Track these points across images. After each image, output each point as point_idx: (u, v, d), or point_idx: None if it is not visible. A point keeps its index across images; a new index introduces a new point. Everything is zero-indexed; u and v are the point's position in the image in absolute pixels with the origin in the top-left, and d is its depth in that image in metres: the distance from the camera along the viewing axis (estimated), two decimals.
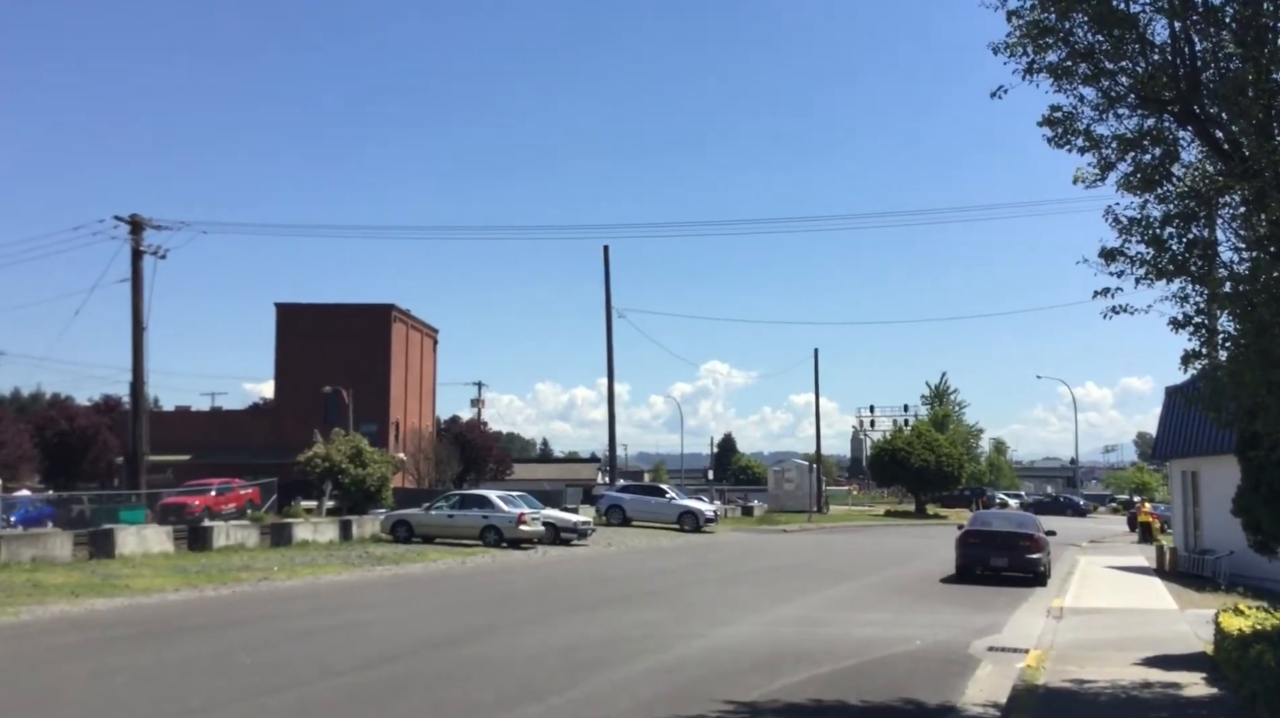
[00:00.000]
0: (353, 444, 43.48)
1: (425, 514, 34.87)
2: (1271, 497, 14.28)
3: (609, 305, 56.50)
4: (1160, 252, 10.13)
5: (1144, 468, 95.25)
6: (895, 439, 72.96)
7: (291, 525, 32.37)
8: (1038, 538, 25.95)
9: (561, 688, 11.30)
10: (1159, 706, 10.72)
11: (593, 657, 13.38)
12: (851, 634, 16.01)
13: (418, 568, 26.50)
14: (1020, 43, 10.39)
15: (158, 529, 29.12)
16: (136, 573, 22.43)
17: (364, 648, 13.78)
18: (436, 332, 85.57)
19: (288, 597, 20.06)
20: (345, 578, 23.71)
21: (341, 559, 27.36)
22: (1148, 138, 10.41)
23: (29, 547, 23.84)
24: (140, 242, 41.29)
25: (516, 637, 15.14)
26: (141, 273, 41.29)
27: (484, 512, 33.96)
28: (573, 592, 22.04)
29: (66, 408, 65.85)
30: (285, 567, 24.85)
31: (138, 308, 41.30)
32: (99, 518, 37.42)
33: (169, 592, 19.94)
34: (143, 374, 41.87)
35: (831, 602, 20.76)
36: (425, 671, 12.28)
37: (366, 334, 71.91)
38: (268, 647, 13.81)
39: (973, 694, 11.68)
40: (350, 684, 11.37)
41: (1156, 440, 33.46)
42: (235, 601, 19.31)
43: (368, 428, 59.47)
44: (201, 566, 24.49)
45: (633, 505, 47.52)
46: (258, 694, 10.71)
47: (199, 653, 13.39)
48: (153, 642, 14.33)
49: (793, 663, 13.20)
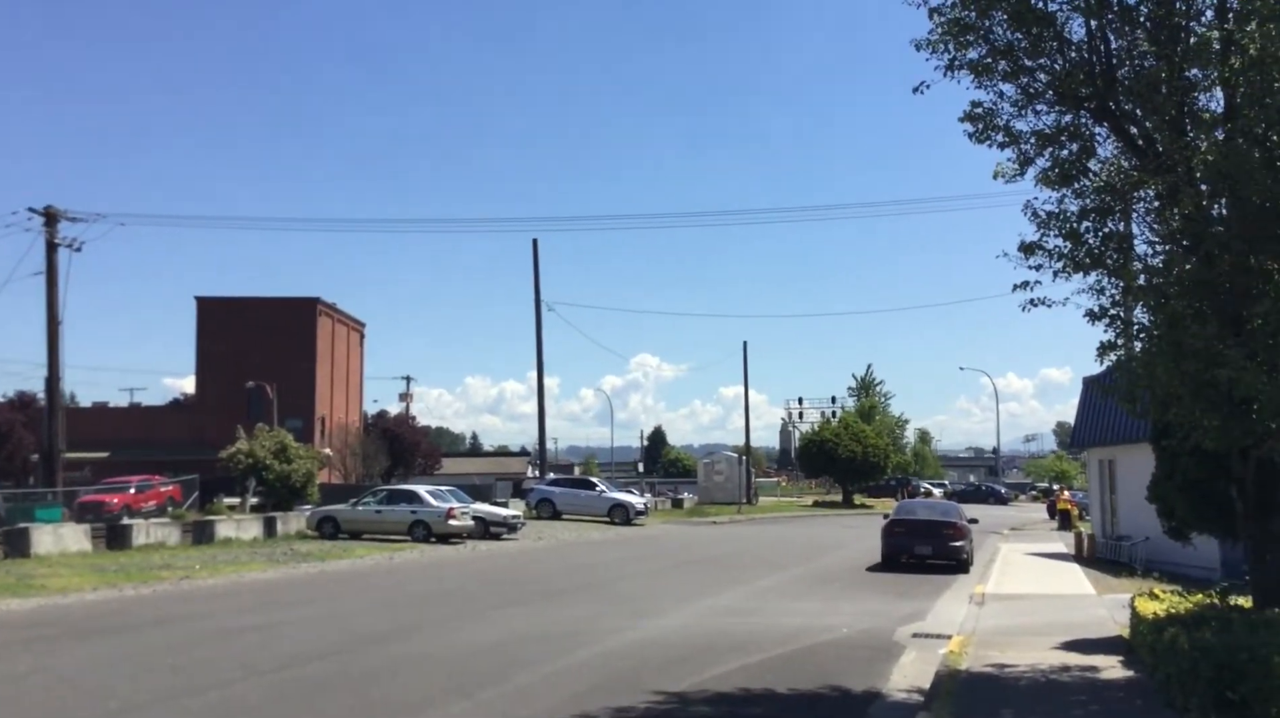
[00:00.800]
0: (277, 440, 42.78)
1: (352, 510, 34.48)
2: (1185, 484, 14.69)
3: (538, 299, 56.31)
4: (1077, 245, 10.36)
5: (1063, 457, 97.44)
6: (823, 431, 73.72)
7: (214, 523, 31.79)
8: (960, 526, 26.44)
9: (491, 684, 11.26)
10: (1077, 689, 10.98)
11: (523, 652, 13.34)
12: (780, 624, 16.17)
13: (344, 565, 26.19)
14: (942, 40, 10.57)
15: (75, 528, 28.42)
16: (53, 573, 21.86)
17: (289, 647, 13.59)
18: (363, 325, 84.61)
19: (210, 595, 19.70)
20: (269, 576, 23.35)
21: (266, 557, 26.94)
22: (1065, 134, 10.65)
23: None
24: (55, 234, 40.17)
25: (446, 633, 15.04)
26: (56, 266, 40.18)
27: (412, 507, 33.65)
28: (503, 587, 21.95)
29: None
30: (207, 565, 24.40)
31: (52, 302, 40.19)
32: (13, 517, 36.34)
33: (87, 591, 19.47)
34: (58, 369, 40.77)
35: (761, 592, 20.94)
36: (352, 669, 12.14)
37: (291, 328, 70.83)
38: (189, 647, 13.55)
39: (897, 680, 11.87)
40: (275, 683, 11.21)
41: (1074, 430, 34.24)
42: (156, 600, 18.92)
43: (293, 423, 58.53)
44: (120, 565, 23.95)
45: (563, 499, 47.41)
46: (179, 695, 10.51)
47: (118, 654, 13.10)
48: (70, 643, 13.99)
49: (723, 653, 13.30)
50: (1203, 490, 14.22)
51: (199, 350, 72.12)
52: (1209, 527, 14.98)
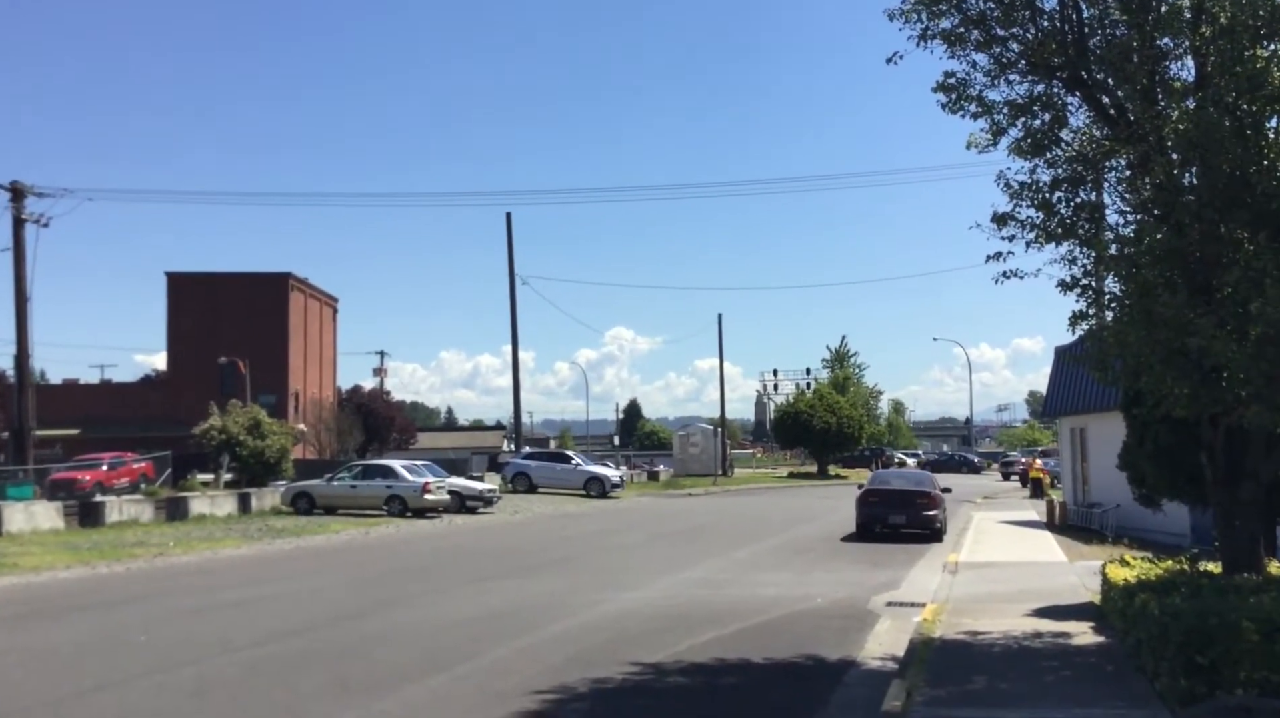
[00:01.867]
0: (251, 416, 42.58)
1: (327, 485, 34.39)
2: (1155, 452, 14.82)
3: (512, 272, 56.08)
4: (1049, 215, 10.40)
5: (1035, 425, 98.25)
6: (798, 402, 73.97)
7: (188, 499, 31.64)
8: (934, 496, 26.63)
9: (468, 657, 11.27)
10: (1049, 654, 11.10)
11: (499, 626, 13.36)
12: (756, 594, 16.26)
13: (319, 540, 26.12)
14: (915, 9, 10.54)
15: (47, 506, 28.22)
16: (25, 551, 21.71)
17: (264, 623, 13.56)
18: (336, 300, 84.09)
19: (184, 572, 19.62)
20: (244, 552, 23.27)
21: (240, 533, 26.84)
22: (1037, 103, 10.66)
23: None
24: (21, 209, 39.62)
25: (422, 608, 15.04)
26: (24, 242, 39.66)
27: (388, 482, 33.60)
28: (479, 561, 21.96)
29: None
30: (181, 542, 24.29)
31: (20, 278, 39.71)
32: None
33: (60, 569, 19.35)
34: (27, 346, 40.33)
35: (736, 563, 21.04)
36: (328, 645, 12.13)
37: (263, 303, 70.31)
38: (164, 624, 13.50)
39: (872, 648, 11.97)
40: (250, 659, 11.18)
41: (1046, 398, 34.50)
42: (130, 577, 18.82)
43: (266, 399, 58.28)
44: (94, 542, 23.80)
45: (539, 473, 47.45)
46: (154, 672, 10.47)
47: (93, 632, 13.03)
48: (44, 621, 13.92)
49: (698, 624, 13.36)
50: (1173, 458, 14.34)
51: (170, 326, 71.50)
52: (1179, 494, 15.13)
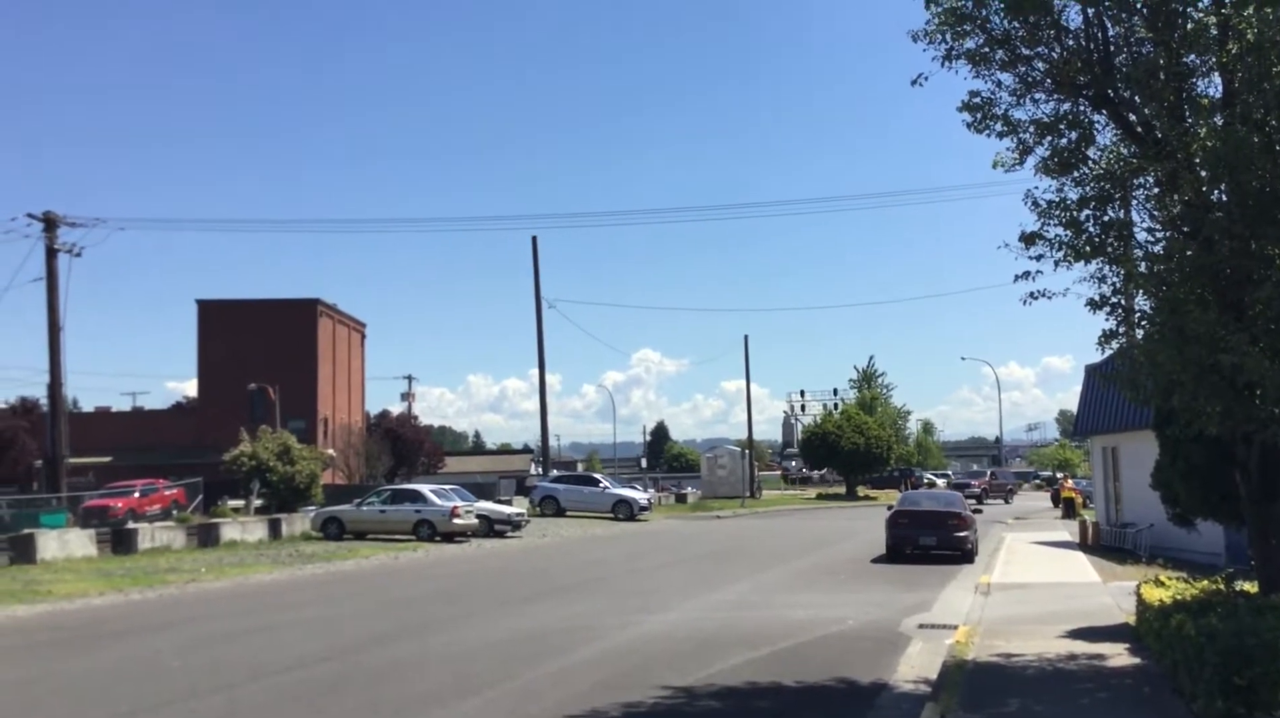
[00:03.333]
0: (280, 442, 42.80)
1: (356, 510, 34.51)
2: (1188, 471, 14.69)
3: (538, 296, 56.33)
4: (1078, 233, 10.36)
5: (1066, 445, 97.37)
6: (825, 423, 73.72)
7: (219, 525, 31.83)
8: (965, 516, 26.44)
9: (499, 681, 11.26)
10: (1084, 677, 10.98)
11: (530, 649, 13.35)
12: (786, 617, 16.18)
13: (350, 565, 26.21)
14: (939, 30, 10.56)
15: (80, 533, 28.44)
16: (59, 578, 21.89)
17: (296, 648, 13.60)
18: (364, 326, 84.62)
19: (216, 598, 19.73)
20: (275, 577, 23.38)
21: (271, 558, 26.97)
22: (1064, 122, 10.63)
23: None
24: (54, 239, 40.19)
25: (452, 632, 15.05)
26: (56, 271, 40.20)
27: (416, 506, 33.68)
28: (508, 585, 21.97)
29: None
30: (213, 568, 24.43)
31: (53, 307, 40.21)
32: (18, 523, 36.33)
33: (93, 596, 19.50)
34: (60, 375, 40.81)
35: (766, 586, 20.95)
36: (359, 669, 12.16)
37: (292, 329, 70.82)
38: (196, 649, 13.57)
39: (904, 672, 11.88)
40: (282, 685, 11.22)
41: (1077, 418, 34.21)
42: (162, 604, 18.94)
43: (295, 425, 58.52)
44: (126, 569, 23.98)
45: (566, 496, 47.44)
46: (186, 698, 10.52)
47: (126, 658, 13.12)
48: (78, 648, 14.02)
49: (728, 647, 13.30)
50: (1206, 476, 14.21)
51: (201, 353, 72.16)
52: (1213, 513, 14.98)
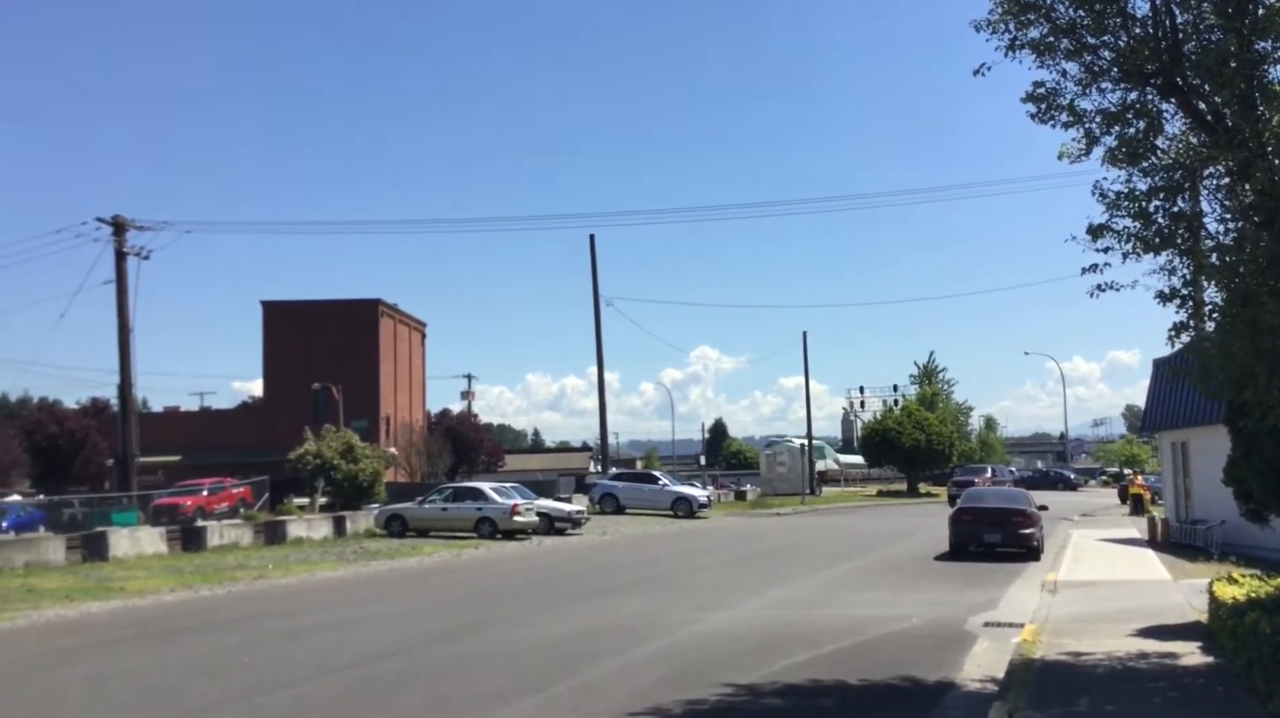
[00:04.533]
0: (344, 440, 43.37)
1: (419, 508, 34.89)
2: (1262, 465, 14.33)
3: (596, 294, 56.51)
4: (1147, 225, 10.15)
5: (1133, 440, 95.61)
6: (886, 419, 73.11)
7: (285, 523, 32.32)
8: (1030, 513, 26.07)
9: (561, 678, 11.31)
10: (1156, 676, 10.78)
11: (592, 646, 13.39)
12: (848, 615, 16.07)
13: (413, 562, 26.49)
14: (1002, 19, 10.39)
15: (150, 531, 29.04)
16: (131, 575, 22.37)
17: (361, 645, 13.77)
18: (425, 325, 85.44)
19: (283, 595, 20.04)
20: (340, 574, 23.69)
21: (336, 556, 27.34)
22: (1131, 111, 10.41)
23: (22, 552, 23.76)
24: (123, 243, 41.04)
25: (514, 629, 15.15)
26: (126, 274, 41.04)
27: (477, 504, 33.96)
28: (569, 582, 22.06)
29: (55, 412, 65.64)
30: (280, 565, 24.81)
31: (123, 309, 41.07)
32: (91, 521, 37.27)
33: (164, 593, 19.89)
34: (130, 376, 41.67)
35: (827, 583, 20.82)
36: (423, 666, 12.28)
37: (354, 330, 71.74)
38: (264, 646, 13.79)
39: (970, 670, 11.74)
40: (347, 681, 11.36)
41: (1145, 413, 33.56)
42: (231, 600, 19.28)
43: (358, 423, 59.23)
44: (196, 566, 24.44)
45: (626, 493, 47.54)
46: (254, 694, 10.69)
47: (195, 654, 13.37)
48: (149, 644, 14.30)
49: (791, 645, 13.24)
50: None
51: (266, 354, 73.35)
52: None
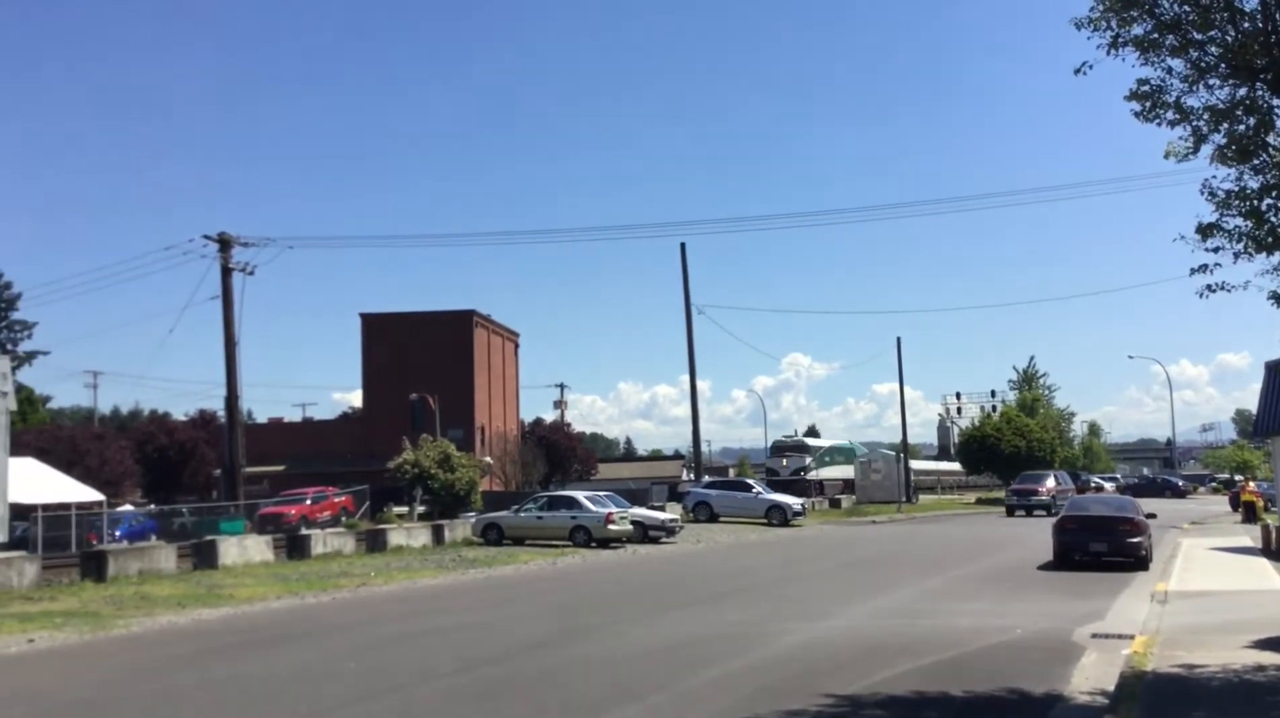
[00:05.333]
0: (440, 450, 44.10)
1: (514, 517, 35.24)
2: None
3: (688, 302, 56.57)
4: (1259, 224, 9.85)
5: (1244, 446, 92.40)
6: (984, 426, 71.82)
7: (386, 531, 32.93)
8: (1138, 521, 25.35)
9: (660, 687, 11.33)
10: (1274, 689, 10.41)
11: (690, 655, 13.39)
12: (951, 625, 15.82)
13: (510, 570, 26.78)
14: (1104, 16, 10.18)
15: (258, 539, 29.81)
16: (239, 582, 23.00)
17: (463, 650, 13.97)
18: (517, 335, 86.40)
19: (386, 601, 20.41)
20: (440, 581, 24.06)
21: (436, 563, 27.76)
22: (1240, 108, 10.11)
23: (136, 560, 24.59)
24: (229, 259, 42.34)
25: (612, 637, 15.22)
26: (231, 290, 42.34)
27: (572, 512, 34.20)
28: (665, 590, 22.09)
29: (165, 424, 67.78)
30: (382, 572, 25.28)
31: (229, 324, 42.33)
32: (200, 530, 38.53)
33: (271, 600, 20.41)
34: (237, 388, 42.91)
35: (928, 593, 20.51)
36: (524, 672, 12.41)
37: (449, 340, 72.89)
38: (369, 652, 14.06)
39: (1079, 683, 11.46)
40: (451, 687, 11.54)
41: (1257, 417, 32.39)
42: (336, 607, 19.70)
43: (454, 433, 60.16)
44: (301, 573, 25.03)
45: (719, 501, 47.41)
46: (362, 699, 10.92)
47: (304, 659, 13.70)
48: (259, 649, 14.69)
49: (893, 655, 13.08)
50: None
51: (365, 365, 74.91)
52: None
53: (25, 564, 22.23)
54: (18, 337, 76.49)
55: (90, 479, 44.85)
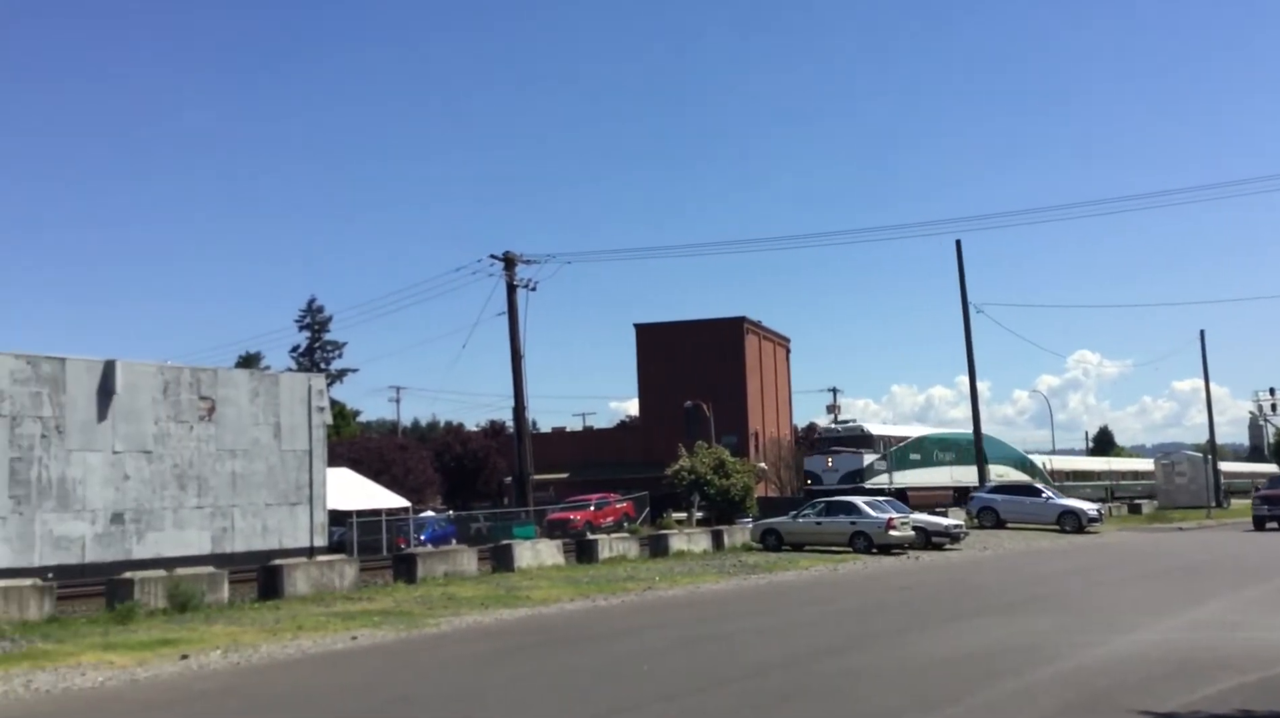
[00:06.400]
0: (715, 456, 44.72)
1: (793, 522, 35.21)
2: None
3: (965, 300, 54.70)
4: None
5: None
6: None
7: (667, 537, 33.65)
8: None
9: (955, 698, 11.00)
10: None
11: (984, 666, 12.94)
12: (1276, 639, 14.53)
13: (791, 576, 26.76)
14: None
15: (549, 543, 31.13)
16: (534, 584, 24.10)
17: (751, 656, 14.08)
18: (788, 340, 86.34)
19: (672, 605, 20.86)
20: (722, 587, 24.34)
21: (717, 568, 28.10)
22: None
23: (442, 563, 26.24)
24: (513, 276, 44.60)
25: (899, 646, 14.92)
26: (516, 305, 44.57)
27: (851, 518, 33.80)
28: (953, 598, 21.44)
29: (460, 434, 72.16)
30: (666, 576, 25.84)
31: (515, 338, 44.57)
32: (495, 534, 40.77)
33: (565, 602, 21.28)
34: (523, 399, 45.10)
35: (1246, 604, 18.92)
36: (813, 679, 12.36)
37: (721, 347, 73.77)
38: (661, 654, 14.41)
39: None
40: (744, 691, 11.64)
41: None
42: (625, 610, 20.31)
43: (728, 439, 60.78)
44: (590, 577, 25.94)
45: (1006, 507, 45.60)
46: (657, 700, 11.19)
47: (599, 660, 14.20)
48: (557, 649, 15.35)
49: (1211, 671, 12.14)
50: None
51: (639, 374, 76.93)
52: None
53: (345, 567, 24.15)
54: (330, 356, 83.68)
55: (396, 487, 48.36)
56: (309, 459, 33.53)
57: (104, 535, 28.38)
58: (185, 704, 11.80)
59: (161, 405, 30.17)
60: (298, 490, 33.08)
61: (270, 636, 16.72)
